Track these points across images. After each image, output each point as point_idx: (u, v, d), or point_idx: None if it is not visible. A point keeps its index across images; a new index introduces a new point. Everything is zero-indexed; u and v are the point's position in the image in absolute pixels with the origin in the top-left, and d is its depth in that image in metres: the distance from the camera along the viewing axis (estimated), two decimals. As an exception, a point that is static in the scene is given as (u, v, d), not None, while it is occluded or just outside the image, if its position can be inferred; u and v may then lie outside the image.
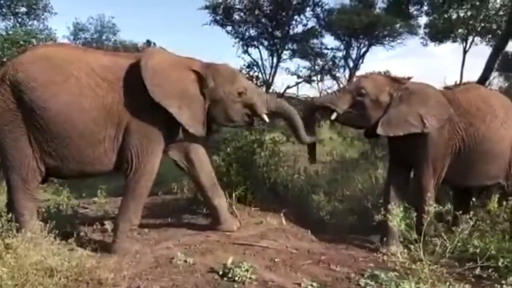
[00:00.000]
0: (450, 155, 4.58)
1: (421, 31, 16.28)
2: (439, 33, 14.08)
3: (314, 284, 3.43)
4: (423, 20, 15.18)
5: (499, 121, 4.59)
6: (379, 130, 4.49)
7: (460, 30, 14.83)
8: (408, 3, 13.67)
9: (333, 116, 4.59)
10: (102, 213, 5.52)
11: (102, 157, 3.94)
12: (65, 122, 3.73)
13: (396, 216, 3.19)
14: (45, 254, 2.90)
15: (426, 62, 28.96)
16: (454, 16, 13.51)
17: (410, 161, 4.66)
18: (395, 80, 4.70)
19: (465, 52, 16.75)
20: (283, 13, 14.21)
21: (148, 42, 18.47)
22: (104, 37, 12.07)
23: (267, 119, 4.42)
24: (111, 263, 3.27)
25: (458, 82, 15.31)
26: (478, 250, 3.39)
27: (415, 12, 14.28)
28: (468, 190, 4.99)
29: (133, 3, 30.78)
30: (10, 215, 3.33)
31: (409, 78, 4.81)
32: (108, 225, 4.54)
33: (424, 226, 3.77)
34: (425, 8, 13.76)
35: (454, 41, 15.70)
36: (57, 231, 3.29)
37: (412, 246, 3.11)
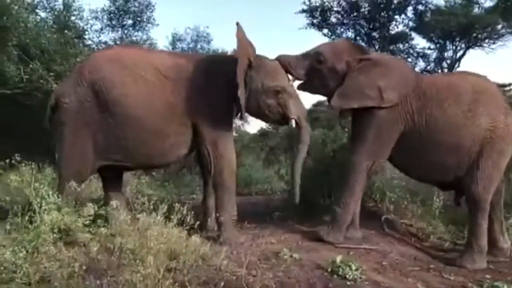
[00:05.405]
0: (398, 139, 4.14)
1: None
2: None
3: (430, 290, 3.27)
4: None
5: (460, 108, 3.96)
6: (333, 102, 4.24)
7: None
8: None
9: (292, 81, 4.45)
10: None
11: (168, 150, 4.23)
12: (136, 120, 4.04)
13: None
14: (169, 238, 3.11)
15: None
16: None
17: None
18: (358, 49, 4.37)
19: None
20: (383, 13, 13.66)
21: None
22: (199, 46, 12.77)
23: (293, 124, 4.31)
24: (223, 251, 3.40)
25: None
26: None
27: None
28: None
29: (228, 13, 32.02)
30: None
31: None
32: (209, 219, 4.71)
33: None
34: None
35: None
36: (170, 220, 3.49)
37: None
